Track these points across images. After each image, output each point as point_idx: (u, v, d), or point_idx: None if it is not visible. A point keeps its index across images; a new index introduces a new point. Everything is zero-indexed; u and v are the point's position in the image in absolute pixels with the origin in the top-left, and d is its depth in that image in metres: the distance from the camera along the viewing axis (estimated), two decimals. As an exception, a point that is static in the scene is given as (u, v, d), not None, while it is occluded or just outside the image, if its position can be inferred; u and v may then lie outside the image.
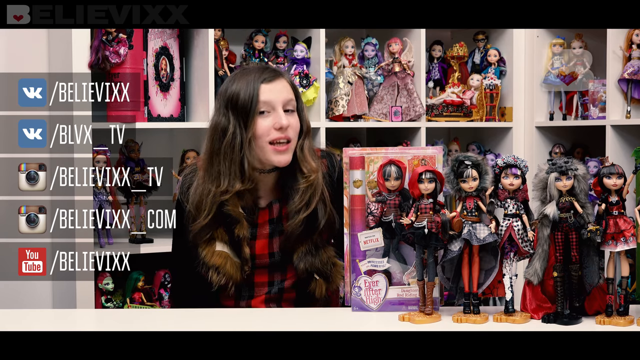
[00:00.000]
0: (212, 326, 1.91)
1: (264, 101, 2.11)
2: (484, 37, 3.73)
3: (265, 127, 2.11)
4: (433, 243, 1.86)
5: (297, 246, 2.15)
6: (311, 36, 3.36)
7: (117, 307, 3.01)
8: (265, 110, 2.12)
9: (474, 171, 1.85)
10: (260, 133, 2.11)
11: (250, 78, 2.13)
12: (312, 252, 2.15)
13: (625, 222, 1.80)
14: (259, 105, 2.10)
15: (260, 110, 2.11)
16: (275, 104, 2.12)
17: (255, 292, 2.19)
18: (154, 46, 3.11)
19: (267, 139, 2.11)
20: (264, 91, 2.11)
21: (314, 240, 2.15)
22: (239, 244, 2.13)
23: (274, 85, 2.13)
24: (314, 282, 2.16)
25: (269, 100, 2.11)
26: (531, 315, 1.87)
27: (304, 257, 2.15)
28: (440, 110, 3.59)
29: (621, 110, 3.25)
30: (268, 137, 2.11)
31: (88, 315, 2.25)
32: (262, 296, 2.19)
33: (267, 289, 2.19)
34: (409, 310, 1.95)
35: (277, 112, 2.12)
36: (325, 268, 2.16)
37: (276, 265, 2.19)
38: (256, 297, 2.19)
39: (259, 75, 2.13)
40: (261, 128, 2.11)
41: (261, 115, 2.12)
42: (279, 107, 2.12)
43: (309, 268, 2.15)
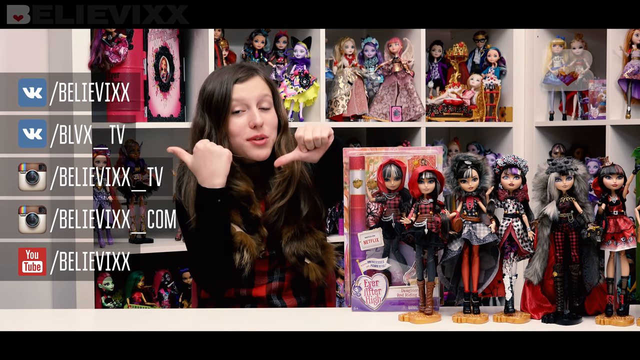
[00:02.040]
0: (212, 326, 1.91)
1: (237, 99, 2.14)
2: (484, 37, 3.73)
3: (239, 125, 2.14)
4: (433, 243, 1.86)
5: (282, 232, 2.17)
6: (311, 36, 3.36)
7: (117, 307, 3.01)
8: (239, 110, 2.14)
9: (474, 171, 1.85)
10: (236, 132, 2.14)
11: (225, 78, 2.16)
12: (298, 237, 2.17)
13: (625, 222, 1.80)
14: (232, 105, 2.14)
15: (235, 110, 2.14)
16: (249, 102, 2.14)
17: (256, 280, 2.19)
18: (154, 46, 3.11)
19: (243, 137, 2.14)
20: (237, 90, 2.14)
21: (299, 225, 2.17)
22: (254, 226, 2.15)
23: (247, 84, 2.16)
24: (306, 266, 2.18)
25: (242, 99, 2.14)
26: (531, 315, 1.87)
27: (290, 241, 2.17)
28: (440, 110, 3.59)
29: (621, 110, 3.25)
30: (244, 135, 2.14)
31: (88, 315, 2.25)
32: (263, 286, 2.19)
33: (267, 279, 2.20)
34: (409, 310, 1.95)
35: (251, 110, 2.14)
36: (313, 251, 2.18)
37: (274, 255, 2.20)
38: (257, 286, 2.19)
39: (233, 75, 2.16)
40: (236, 127, 2.14)
41: (236, 114, 2.15)
42: (253, 105, 2.15)
43: (295, 252, 2.16)
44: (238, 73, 2.16)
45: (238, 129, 2.14)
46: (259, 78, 2.18)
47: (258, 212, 2.15)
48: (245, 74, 2.17)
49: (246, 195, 2.14)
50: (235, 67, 2.20)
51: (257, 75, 2.19)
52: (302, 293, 2.22)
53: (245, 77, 2.16)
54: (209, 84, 2.18)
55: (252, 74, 2.18)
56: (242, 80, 2.15)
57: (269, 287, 2.19)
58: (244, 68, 2.19)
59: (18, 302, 3.23)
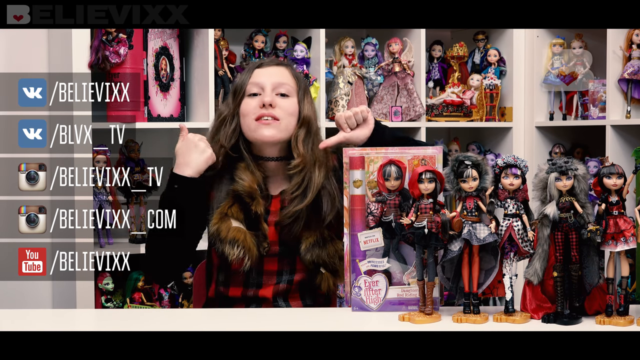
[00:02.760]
0: (213, 326, 1.91)
1: (253, 82, 2.17)
2: (484, 37, 3.73)
3: (251, 106, 2.16)
4: (433, 243, 1.86)
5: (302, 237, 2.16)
6: (311, 36, 3.36)
7: (117, 307, 3.01)
8: (256, 93, 2.17)
9: (474, 171, 1.85)
10: (246, 112, 2.16)
11: (251, 66, 2.22)
12: (320, 244, 2.16)
13: (625, 222, 1.80)
14: (249, 87, 2.17)
15: (251, 92, 2.17)
16: (265, 85, 2.16)
17: (264, 280, 2.18)
18: (154, 46, 3.11)
19: (252, 116, 2.15)
20: (256, 74, 2.18)
21: (322, 233, 2.16)
22: (255, 222, 2.14)
23: (268, 69, 2.19)
24: (320, 275, 2.17)
25: (258, 82, 2.17)
26: (531, 315, 1.87)
27: (312, 248, 2.16)
28: (440, 110, 3.59)
29: (621, 110, 3.25)
30: (254, 115, 2.15)
31: (88, 315, 2.25)
32: (270, 286, 2.17)
33: (275, 279, 2.18)
34: (409, 310, 1.95)
35: (265, 92, 2.16)
36: (333, 261, 2.17)
37: (286, 255, 2.18)
38: (265, 287, 2.18)
39: (259, 63, 2.22)
40: (247, 107, 2.16)
41: (251, 96, 2.17)
42: (268, 87, 2.16)
43: (315, 260, 2.15)
44: (264, 61, 2.23)
45: (249, 108, 2.15)
46: (283, 68, 2.22)
47: (259, 208, 2.13)
48: (270, 62, 2.22)
49: (249, 191, 2.13)
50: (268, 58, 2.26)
51: (283, 66, 2.22)
52: (309, 298, 2.22)
53: (268, 63, 2.21)
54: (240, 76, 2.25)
55: (277, 63, 2.23)
56: (265, 66, 2.20)
57: (276, 288, 2.18)
58: (274, 60, 2.26)
59: (18, 302, 3.23)
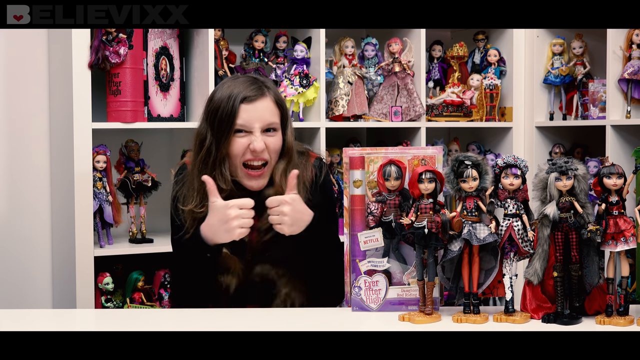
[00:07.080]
0: (212, 326, 1.91)
1: (241, 123, 2.08)
2: (484, 37, 3.73)
3: (240, 147, 2.09)
4: (433, 243, 1.86)
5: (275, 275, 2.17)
6: (311, 36, 3.36)
7: (117, 307, 3.01)
8: (243, 130, 2.09)
9: (474, 171, 1.85)
10: (235, 153, 2.09)
11: (234, 93, 2.08)
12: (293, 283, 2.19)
13: (625, 222, 1.80)
14: (236, 126, 2.08)
15: (237, 129, 2.08)
16: (253, 126, 2.08)
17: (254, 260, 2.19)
18: (154, 46, 3.11)
19: (241, 159, 2.10)
20: (243, 111, 2.08)
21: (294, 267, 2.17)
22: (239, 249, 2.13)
23: (256, 105, 2.09)
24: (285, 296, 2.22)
25: (247, 122, 2.08)
26: (531, 315, 1.87)
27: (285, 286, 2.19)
28: (440, 110, 3.59)
29: (621, 110, 3.25)
30: (242, 157, 2.10)
31: (88, 315, 2.25)
32: None
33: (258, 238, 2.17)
34: (409, 310, 1.95)
35: (254, 134, 2.08)
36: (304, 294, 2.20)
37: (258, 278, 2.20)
38: None
39: (242, 91, 2.08)
40: (236, 148, 2.09)
41: (238, 134, 2.09)
42: (257, 129, 2.08)
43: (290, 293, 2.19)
44: (248, 90, 2.08)
45: (238, 150, 2.09)
46: (269, 99, 2.11)
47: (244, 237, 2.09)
48: (255, 92, 2.09)
49: None
50: (248, 81, 2.12)
51: (268, 96, 2.11)
52: None
53: (254, 96, 2.08)
54: (217, 93, 2.12)
55: (262, 93, 2.10)
56: (251, 100, 2.08)
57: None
58: (256, 86, 2.11)
59: (18, 302, 3.23)
